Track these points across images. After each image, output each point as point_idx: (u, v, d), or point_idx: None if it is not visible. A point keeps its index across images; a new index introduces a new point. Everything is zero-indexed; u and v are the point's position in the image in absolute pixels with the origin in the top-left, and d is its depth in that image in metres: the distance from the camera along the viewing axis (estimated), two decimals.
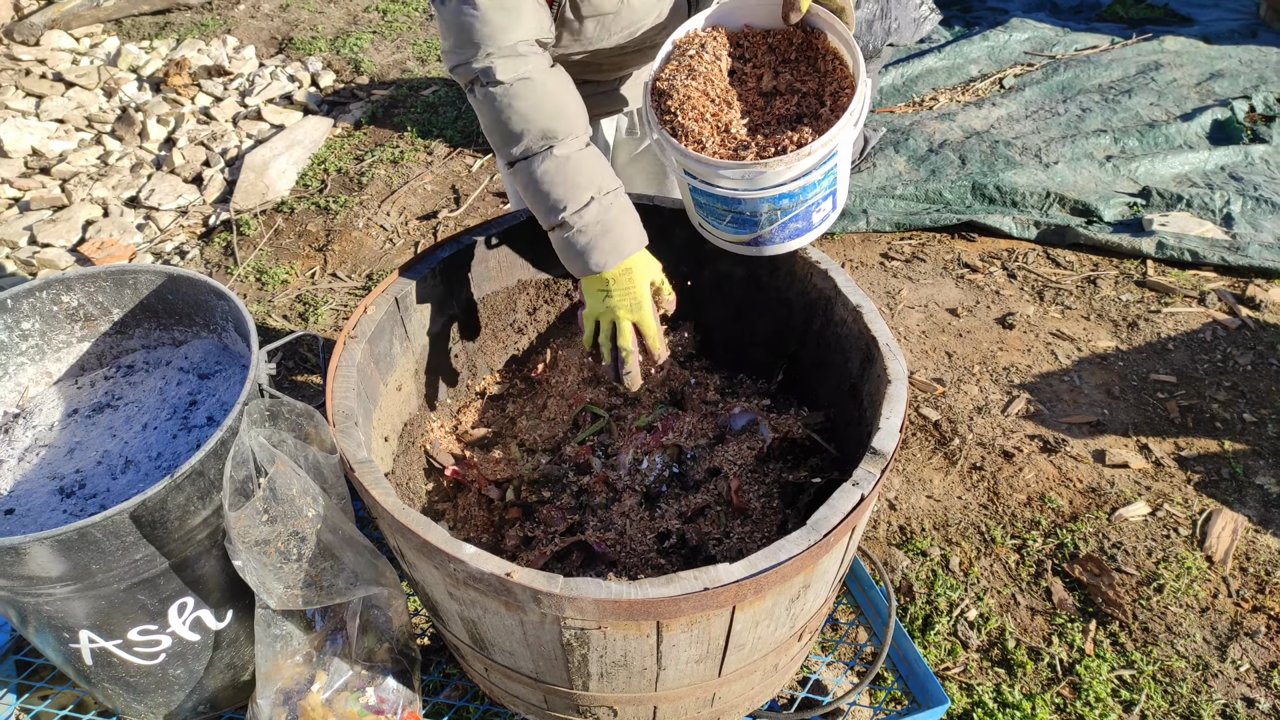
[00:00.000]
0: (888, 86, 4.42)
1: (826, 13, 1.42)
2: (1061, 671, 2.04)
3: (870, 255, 3.41)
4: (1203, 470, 2.50)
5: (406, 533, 1.20)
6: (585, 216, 1.42)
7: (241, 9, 5.22)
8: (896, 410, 1.34)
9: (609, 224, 1.44)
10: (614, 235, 1.44)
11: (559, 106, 1.41)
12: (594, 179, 1.43)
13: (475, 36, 1.36)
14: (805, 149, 1.33)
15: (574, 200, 1.42)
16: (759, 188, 1.38)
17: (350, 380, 1.43)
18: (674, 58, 1.48)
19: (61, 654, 1.47)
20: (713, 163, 1.37)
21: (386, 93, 4.48)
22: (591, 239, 1.43)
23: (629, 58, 1.67)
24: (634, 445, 1.71)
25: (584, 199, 1.42)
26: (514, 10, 1.36)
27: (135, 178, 3.82)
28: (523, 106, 1.39)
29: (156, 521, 1.29)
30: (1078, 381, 2.80)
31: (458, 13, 1.36)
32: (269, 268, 3.39)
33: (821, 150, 1.34)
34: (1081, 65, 4.40)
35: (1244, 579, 2.22)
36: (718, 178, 1.39)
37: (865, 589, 1.94)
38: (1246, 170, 3.66)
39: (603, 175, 1.45)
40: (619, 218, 1.45)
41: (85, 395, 1.62)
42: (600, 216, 1.43)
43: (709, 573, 1.14)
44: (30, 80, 4.32)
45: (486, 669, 1.49)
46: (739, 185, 1.39)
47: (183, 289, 1.62)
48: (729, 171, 1.36)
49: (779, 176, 1.36)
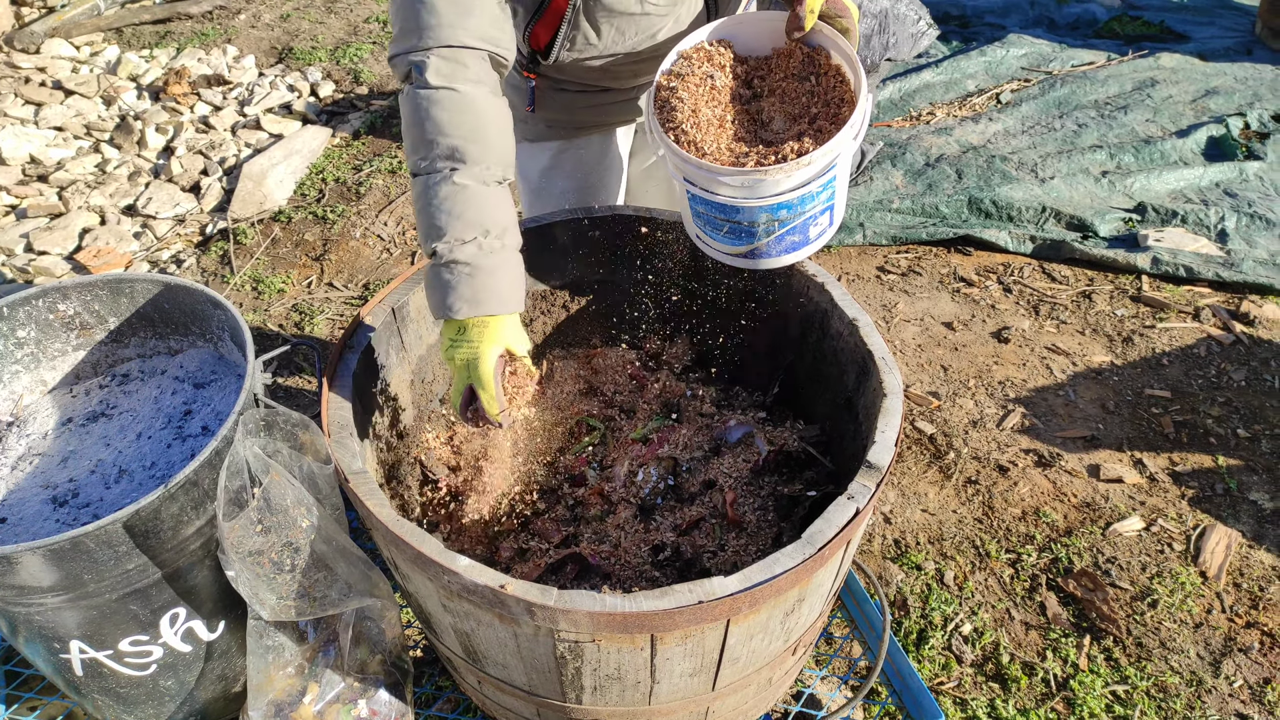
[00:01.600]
0: (885, 101, 4.44)
1: (830, 30, 1.43)
2: (1056, 686, 2.04)
3: (866, 268, 3.42)
4: (1197, 485, 2.50)
5: (400, 544, 1.19)
6: (459, 253, 1.29)
7: (242, 19, 5.23)
8: (892, 424, 1.35)
9: (479, 270, 1.30)
10: (478, 284, 1.30)
11: (477, 128, 1.31)
12: (485, 219, 1.31)
13: (419, 23, 1.28)
14: (805, 158, 1.34)
15: (454, 233, 1.29)
16: (758, 196, 1.38)
17: (346, 390, 1.43)
18: (677, 67, 1.49)
19: (51, 664, 1.46)
20: (713, 169, 1.37)
21: (385, 103, 4.49)
22: (456, 278, 1.30)
23: (645, 65, 1.67)
24: (629, 457, 1.71)
25: (467, 235, 1.30)
26: (467, 7, 1.28)
27: (133, 186, 3.82)
28: (441, 116, 1.29)
29: (150, 531, 1.29)
30: (1073, 396, 2.81)
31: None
32: (266, 277, 3.39)
33: (822, 160, 1.35)
34: (1078, 81, 4.43)
35: (1238, 594, 2.22)
36: (717, 185, 1.40)
37: (860, 603, 1.94)
38: (1241, 187, 3.68)
39: (500, 221, 1.33)
40: (495, 269, 1.31)
41: (80, 404, 1.62)
42: (475, 259, 1.30)
43: (703, 586, 1.14)
44: (30, 88, 4.33)
45: (479, 682, 1.48)
46: (738, 193, 1.39)
47: (179, 298, 1.62)
48: (728, 179, 1.37)
49: (778, 186, 1.37)
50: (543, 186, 1.92)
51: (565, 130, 1.83)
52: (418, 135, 1.31)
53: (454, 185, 1.29)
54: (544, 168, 1.89)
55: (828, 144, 1.34)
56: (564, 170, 1.88)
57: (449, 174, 1.30)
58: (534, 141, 1.86)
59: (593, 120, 1.82)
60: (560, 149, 1.86)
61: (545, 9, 1.53)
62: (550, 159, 1.87)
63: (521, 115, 1.76)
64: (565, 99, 1.75)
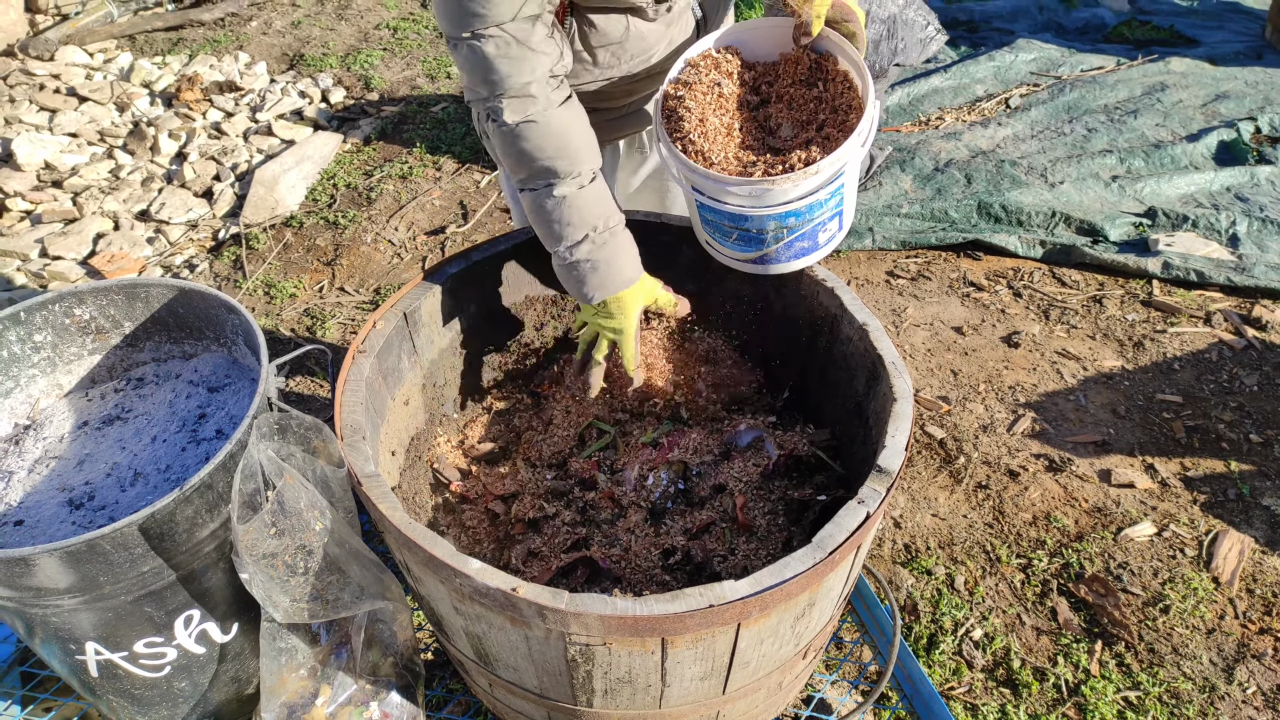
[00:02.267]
0: (894, 106, 4.44)
1: (838, 36, 1.44)
2: (1067, 692, 2.03)
3: (876, 273, 3.42)
4: (1209, 491, 2.49)
5: (413, 547, 1.20)
6: (577, 253, 1.49)
7: (254, 25, 5.27)
8: (902, 428, 1.35)
9: (598, 261, 1.50)
10: (602, 273, 1.51)
11: (561, 147, 1.44)
12: (589, 217, 1.48)
13: (486, 80, 1.40)
14: (813, 167, 1.34)
15: (568, 237, 1.48)
16: (766, 205, 1.39)
17: (358, 394, 1.44)
18: (685, 76, 1.50)
19: (67, 666, 1.47)
20: (720, 179, 1.38)
21: (396, 109, 4.51)
22: (583, 273, 1.51)
23: (640, 84, 1.68)
24: (639, 461, 1.72)
25: (578, 236, 1.48)
26: (519, 58, 1.38)
27: (146, 191, 3.85)
28: (526, 147, 1.43)
29: (164, 534, 1.30)
30: (1083, 401, 2.80)
31: (469, 58, 1.39)
32: (277, 281, 3.41)
33: (829, 169, 1.35)
34: (1087, 86, 4.42)
35: (1251, 600, 2.21)
36: (725, 194, 1.40)
37: (870, 607, 1.94)
38: (1252, 191, 3.67)
39: (600, 212, 1.49)
40: (611, 256, 1.51)
41: (95, 407, 1.64)
42: (591, 254, 1.49)
43: (714, 590, 1.14)
44: (44, 95, 4.37)
45: (490, 685, 1.49)
46: (746, 202, 1.40)
47: (193, 302, 1.63)
48: (736, 188, 1.37)
49: (786, 194, 1.37)
50: None
51: None
52: (514, 161, 1.47)
53: (555, 199, 1.46)
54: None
55: (835, 153, 1.35)
56: None
57: (548, 190, 1.46)
58: None
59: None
60: None
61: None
62: None
63: None
64: None
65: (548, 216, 1.49)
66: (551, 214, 1.48)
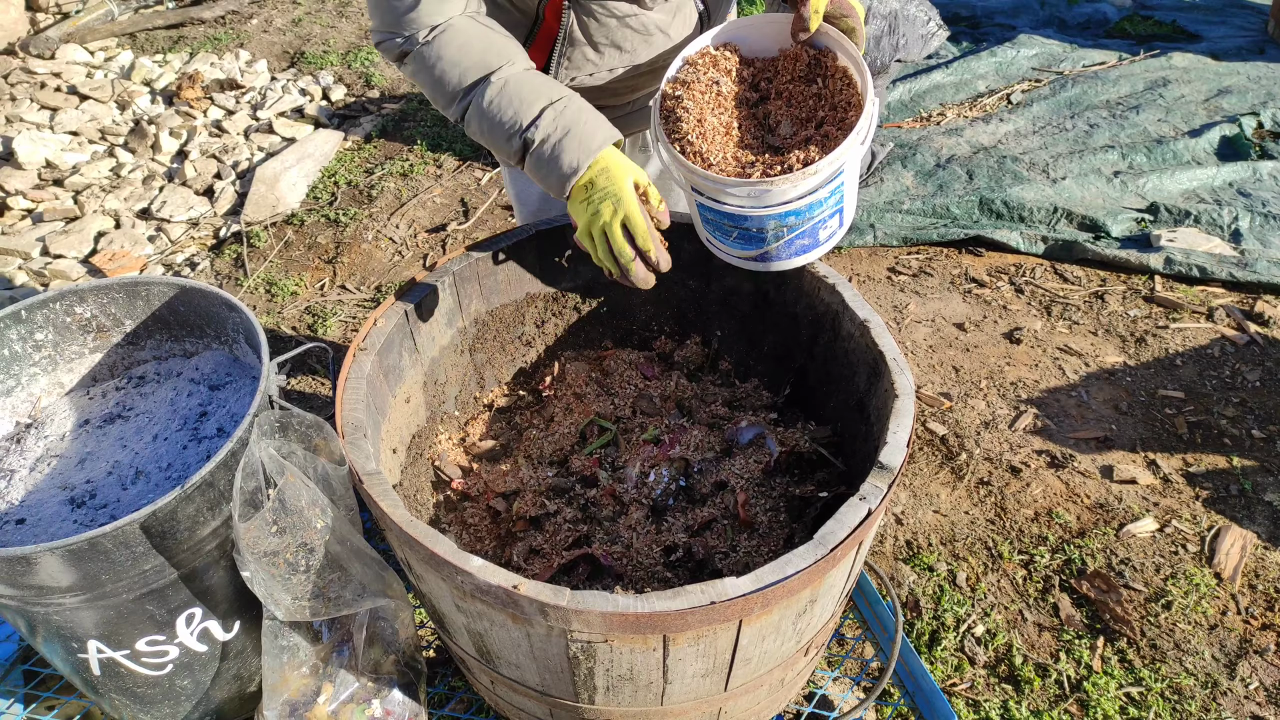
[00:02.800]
0: (895, 102, 4.44)
1: (836, 32, 1.43)
2: (1069, 688, 2.03)
3: (878, 269, 3.41)
4: (1211, 487, 2.49)
5: (414, 544, 1.20)
6: (541, 126, 1.37)
7: (254, 23, 5.27)
8: (903, 425, 1.35)
9: (568, 124, 1.38)
10: (577, 133, 1.38)
11: (486, 44, 1.38)
12: (541, 92, 1.38)
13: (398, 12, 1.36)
14: (811, 168, 1.33)
15: (526, 115, 1.37)
16: (765, 205, 1.38)
17: (359, 392, 1.43)
18: (683, 74, 1.49)
19: (69, 664, 1.47)
20: (719, 180, 1.37)
21: (397, 106, 4.51)
22: (556, 144, 1.37)
23: (643, 79, 1.67)
24: (641, 458, 1.72)
25: (535, 111, 1.37)
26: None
27: (147, 190, 3.85)
28: (451, 53, 1.37)
29: (166, 532, 1.30)
30: (1085, 397, 2.80)
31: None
32: (278, 279, 3.41)
33: (828, 169, 1.35)
34: (1089, 81, 4.41)
35: (1253, 596, 2.20)
36: (724, 195, 1.40)
37: (872, 604, 1.93)
38: (1255, 186, 3.66)
39: (550, 90, 1.40)
40: (578, 117, 1.39)
41: (97, 406, 1.64)
42: (557, 121, 1.37)
43: (715, 586, 1.14)
44: (45, 93, 4.37)
45: (492, 682, 1.49)
46: (745, 203, 1.39)
47: (194, 301, 1.63)
48: (734, 189, 1.37)
49: (785, 195, 1.37)
50: (542, 209, 1.89)
51: None
52: (443, 82, 1.38)
53: (495, 86, 1.37)
54: (542, 190, 1.84)
55: (833, 153, 1.34)
56: None
57: (484, 84, 1.37)
58: None
59: None
60: None
61: (536, 34, 1.54)
62: None
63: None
64: None
65: (496, 110, 1.37)
66: (497, 103, 1.37)
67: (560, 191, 1.40)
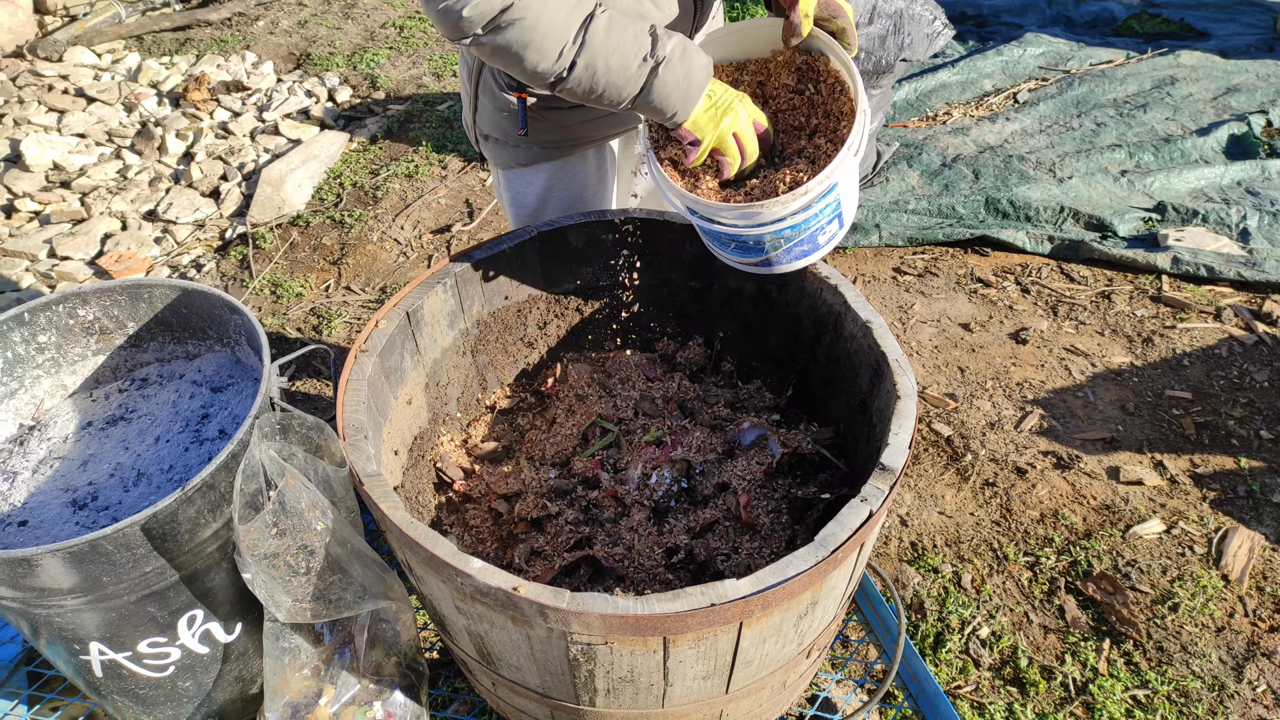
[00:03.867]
0: (901, 101, 4.42)
1: (827, 36, 1.42)
2: (1075, 691, 2.02)
3: (883, 270, 3.40)
4: (1219, 488, 2.47)
5: (415, 546, 1.20)
6: (664, 47, 1.34)
7: (260, 25, 5.28)
8: (906, 426, 1.34)
9: (681, 42, 1.36)
10: (690, 48, 1.36)
11: None
12: (636, 20, 1.36)
13: None
14: (800, 189, 1.33)
15: (645, 39, 1.33)
16: (757, 225, 1.39)
17: (361, 394, 1.43)
18: None
19: (72, 666, 1.48)
20: (710, 205, 1.38)
21: (402, 108, 4.52)
22: (682, 59, 1.34)
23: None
24: (643, 460, 1.71)
25: (648, 36, 1.34)
26: None
27: (154, 191, 3.86)
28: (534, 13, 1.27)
29: (167, 534, 1.30)
30: (1092, 397, 2.78)
31: None
32: (284, 280, 3.41)
33: (818, 188, 1.34)
34: (1096, 80, 4.39)
35: (1261, 598, 2.19)
36: (716, 217, 1.40)
37: (875, 606, 1.93)
38: (1263, 185, 3.64)
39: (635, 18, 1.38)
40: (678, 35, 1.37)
41: (99, 408, 1.64)
42: (670, 39, 1.35)
43: (716, 588, 1.14)
44: (53, 95, 4.39)
45: (494, 684, 1.49)
46: (738, 223, 1.40)
47: (197, 303, 1.64)
48: (725, 214, 1.37)
49: (776, 215, 1.37)
50: (538, 210, 1.86)
51: (559, 150, 1.76)
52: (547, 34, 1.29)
53: (603, 20, 1.30)
54: (540, 192, 1.84)
55: (824, 171, 1.33)
56: (560, 190, 1.83)
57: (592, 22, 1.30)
58: (528, 166, 1.79)
59: (586, 135, 1.76)
60: (556, 170, 1.80)
61: None
62: (546, 181, 1.81)
63: (513, 140, 1.72)
64: (558, 116, 1.68)
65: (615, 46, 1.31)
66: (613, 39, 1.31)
67: (693, 105, 1.38)
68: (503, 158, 1.78)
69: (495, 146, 1.77)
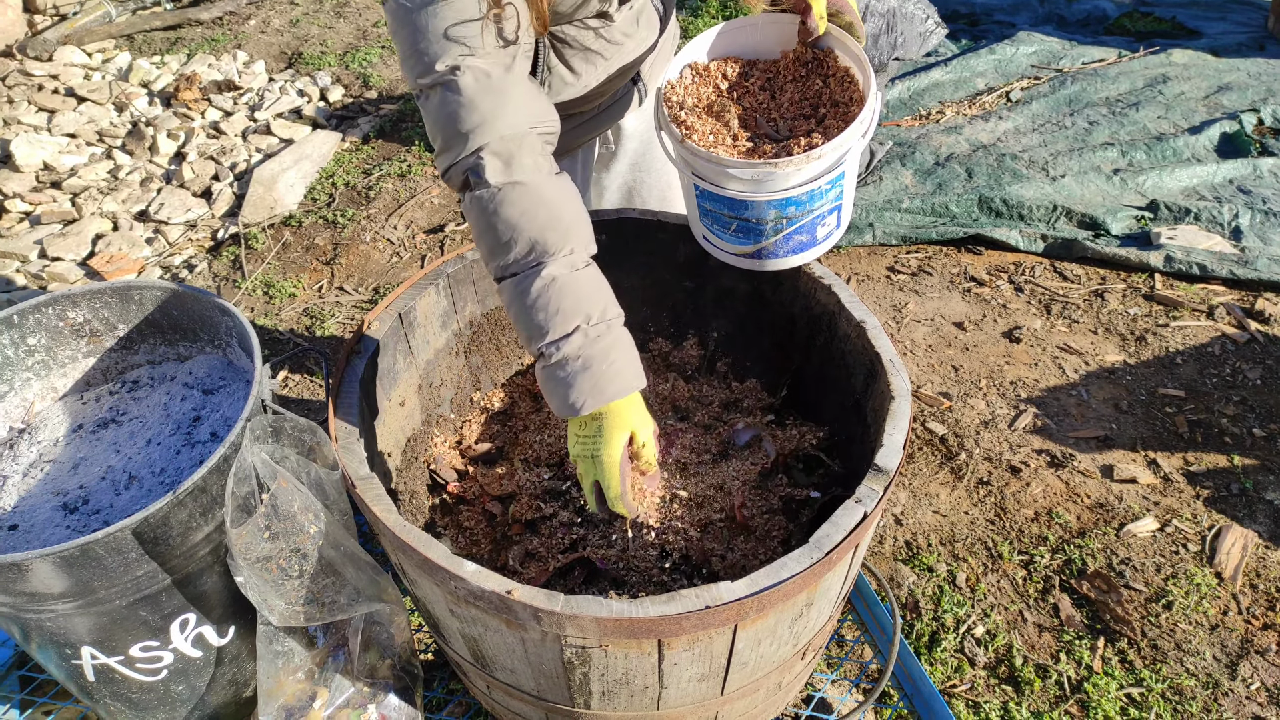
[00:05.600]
0: (894, 100, 4.42)
1: (838, 30, 1.44)
2: (1070, 689, 2.03)
3: (876, 268, 3.40)
4: (1212, 486, 2.48)
5: (407, 550, 1.19)
6: (565, 347, 1.24)
7: (252, 24, 5.26)
8: (900, 427, 1.34)
9: (590, 359, 1.24)
10: (594, 373, 1.24)
11: (553, 217, 1.25)
12: (583, 305, 1.24)
13: (463, 126, 1.23)
14: (815, 151, 1.34)
15: (556, 329, 1.23)
16: (766, 191, 1.39)
17: (353, 396, 1.43)
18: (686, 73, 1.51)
19: (64, 670, 1.47)
20: (723, 161, 1.38)
21: (395, 107, 4.50)
22: (570, 374, 1.24)
23: (613, 82, 1.67)
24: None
25: (568, 327, 1.23)
26: (501, 92, 1.23)
27: (145, 192, 3.84)
28: (511, 213, 1.23)
29: (159, 538, 1.30)
30: (1085, 396, 2.79)
31: (442, 104, 1.23)
32: (276, 281, 3.40)
33: (831, 155, 1.35)
34: (1088, 78, 4.40)
35: (1254, 596, 2.19)
36: (726, 179, 1.40)
37: (870, 605, 1.93)
38: (1255, 183, 3.65)
39: (598, 301, 1.26)
40: (606, 352, 1.25)
41: (90, 411, 1.63)
42: (583, 350, 1.24)
43: (710, 591, 1.14)
44: (43, 95, 4.36)
45: (488, 686, 1.48)
46: (747, 187, 1.40)
47: (188, 305, 1.63)
48: (739, 171, 1.37)
49: (788, 179, 1.37)
50: None
51: None
52: (493, 241, 1.25)
53: (543, 280, 1.23)
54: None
55: (838, 138, 1.35)
56: None
57: (535, 271, 1.24)
58: None
59: (564, 146, 1.74)
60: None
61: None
62: None
63: None
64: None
65: (533, 303, 1.23)
66: (538, 300, 1.23)
67: (560, 413, 1.29)
68: None
69: None
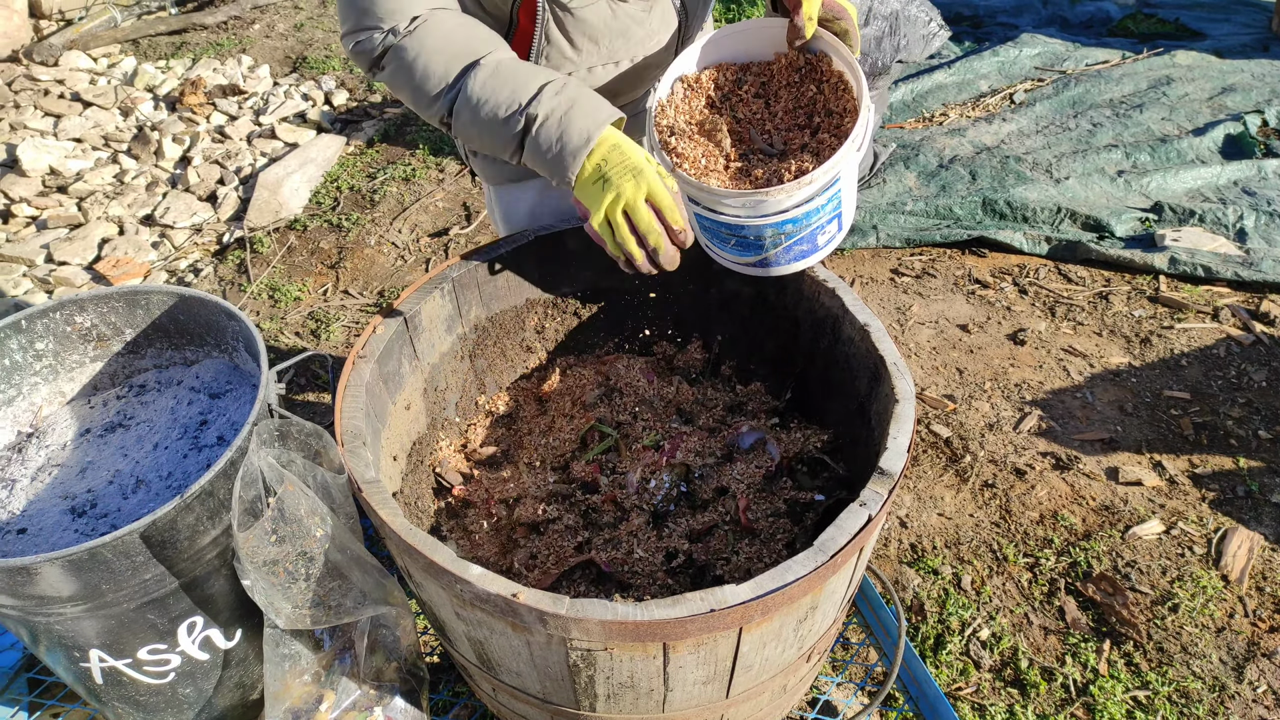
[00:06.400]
0: (897, 102, 4.43)
1: (831, 36, 1.42)
2: (1075, 692, 2.02)
3: (880, 271, 3.40)
4: (1217, 488, 2.48)
5: (413, 553, 1.20)
6: (543, 101, 1.27)
7: (256, 29, 5.28)
8: (904, 430, 1.34)
9: (571, 98, 1.28)
10: (582, 106, 1.28)
11: (470, 32, 1.31)
12: (536, 73, 1.29)
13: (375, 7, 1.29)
14: (805, 178, 1.33)
15: (524, 93, 1.27)
16: (760, 215, 1.38)
17: (359, 400, 1.43)
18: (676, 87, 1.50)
19: (72, 673, 1.47)
20: (714, 191, 1.37)
21: (399, 111, 4.51)
22: (562, 116, 1.26)
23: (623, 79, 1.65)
24: (642, 464, 1.71)
25: (534, 88, 1.27)
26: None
27: (151, 196, 3.86)
28: (434, 42, 1.29)
29: (166, 541, 1.30)
30: (1090, 398, 2.79)
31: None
32: (282, 285, 3.41)
33: (823, 178, 1.34)
34: (1092, 80, 4.40)
35: (1261, 598, 2.19)
36: (720, 205, 1.40)
37: (875, 608, 1.93)
38: (1260, 185, 3.64)
39: (543, 71, 1.32)
40: (579, 93, 1.29)
41: (98, 415, 1.64)
42: (559, 96, 1.28)
43: (716, 594, 1.14)
44: (49, 100, 4.38)
45: (494, 689, 1.49)
46: (741, 213, 1.39)
47: (194, 309, 1.63)
48: (730, 200, 1.37)
49: (780, 204, 1.37)
50: (530, 224, 1.84)
51: None
52: (425, 77, 1.30)
53: (487, 70, 1.28)
54: (531, 206, 1.82)
55: (828, 161, 1.33)
56: (551, 204, 1.82)
57: (472, 70, 1.28)
58: (517, 182, 1.79)
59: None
60: (545, 184, 1.78)
61: (511, 39, 1.53)
62: (536, 195, 1.80)
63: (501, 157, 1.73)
64: None
65: (491, 92, 1.27)
66: (491, 85, 1.27)
67: (569, 172, 1.29)
68: (492, 174, 1.79)
69: (484, 163, 1.78)
